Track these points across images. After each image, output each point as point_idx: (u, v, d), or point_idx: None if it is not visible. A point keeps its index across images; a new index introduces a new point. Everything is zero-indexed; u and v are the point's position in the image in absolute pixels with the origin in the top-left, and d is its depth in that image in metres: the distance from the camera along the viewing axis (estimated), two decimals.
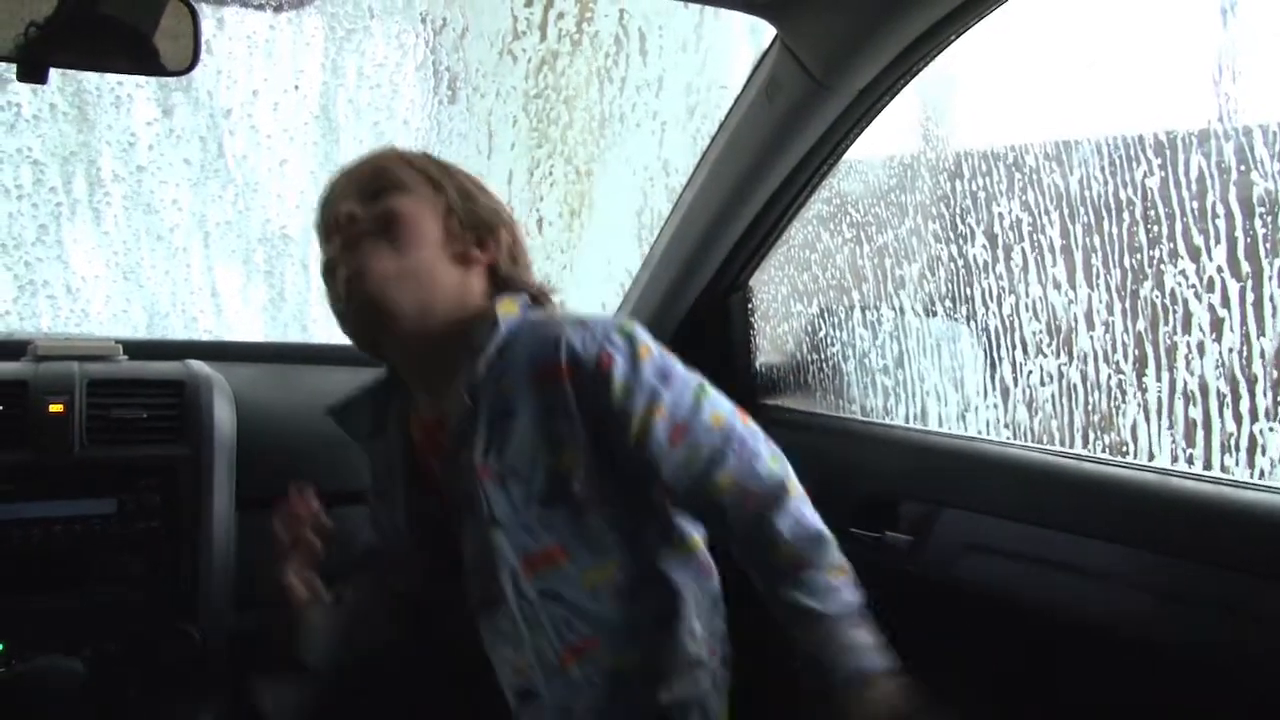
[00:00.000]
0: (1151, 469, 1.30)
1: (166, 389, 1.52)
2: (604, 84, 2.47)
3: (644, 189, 2.47)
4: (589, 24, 2.41)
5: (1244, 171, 1.22)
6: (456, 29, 2.38)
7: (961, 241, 1.58)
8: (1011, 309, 1.52)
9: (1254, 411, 1.23)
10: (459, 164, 1.26)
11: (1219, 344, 1.25)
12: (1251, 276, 1.22)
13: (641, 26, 2.43)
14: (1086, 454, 1.39)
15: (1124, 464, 1.32)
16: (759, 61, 1.56)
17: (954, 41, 1.36)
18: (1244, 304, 1.23)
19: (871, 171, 1.75)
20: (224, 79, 2.14)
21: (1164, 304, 1.31)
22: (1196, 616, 1.14)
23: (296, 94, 2.20)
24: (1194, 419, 1.29)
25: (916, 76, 1.44)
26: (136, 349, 1.61)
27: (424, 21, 2.36)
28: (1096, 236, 1.39)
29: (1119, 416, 1.38)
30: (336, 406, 1.28)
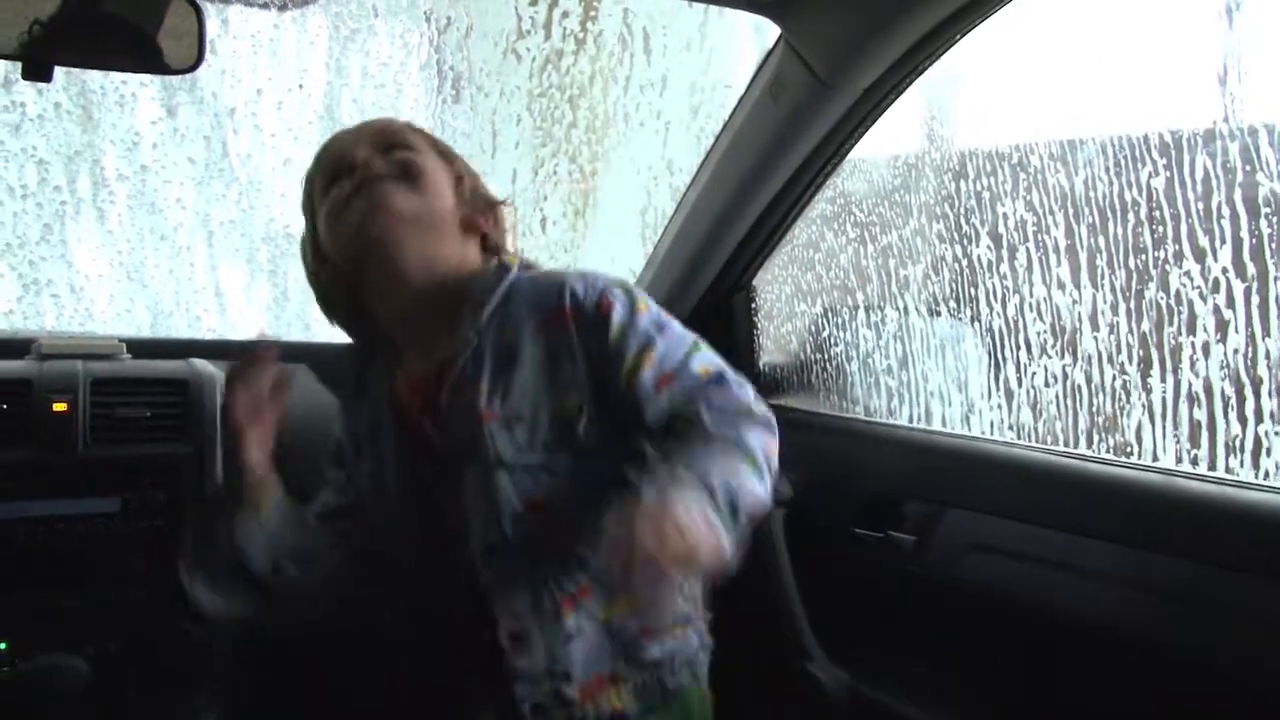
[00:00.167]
0: (1155, 469, 1.30)
1: (170, 388, 1.52)
2: (608, 83, 2.47)
3: (648, 188, 2.47)
4: (593, 23, 2.42)
5: (1249, 172, 1.21)
6: (461, 28, 2.38)
7: (966, 242, 1.58)
8: (1016, 310, 1.52)
9: (1259, 413, 1.23)
10: None
11: (1224, 345, 1.25)
12: (1257, 278, 1.22)
13: (646, 25, 2.43)
14: (1090, 454, 1.38)
15: (1127, 464, 1.32)
16: (763, 61, 1.56)
17: (959, 41, 1.36)
18: (1249, 305, 1.22)
19: (876, 171, 1.75)
20: (228, 78, 2.15)
21: (1169, 305, 1.30)
22: (1200, 617, 1.13)
23: (301, 93, 2.20)
24: (1199, 421, 1.28)
25: (921, 76, 1.44)
26: (140, 348, 1.61)
27: (428, 20, 2.36)
28: (1101, 237, 1.39)
29: (1123, 418, 1.37)
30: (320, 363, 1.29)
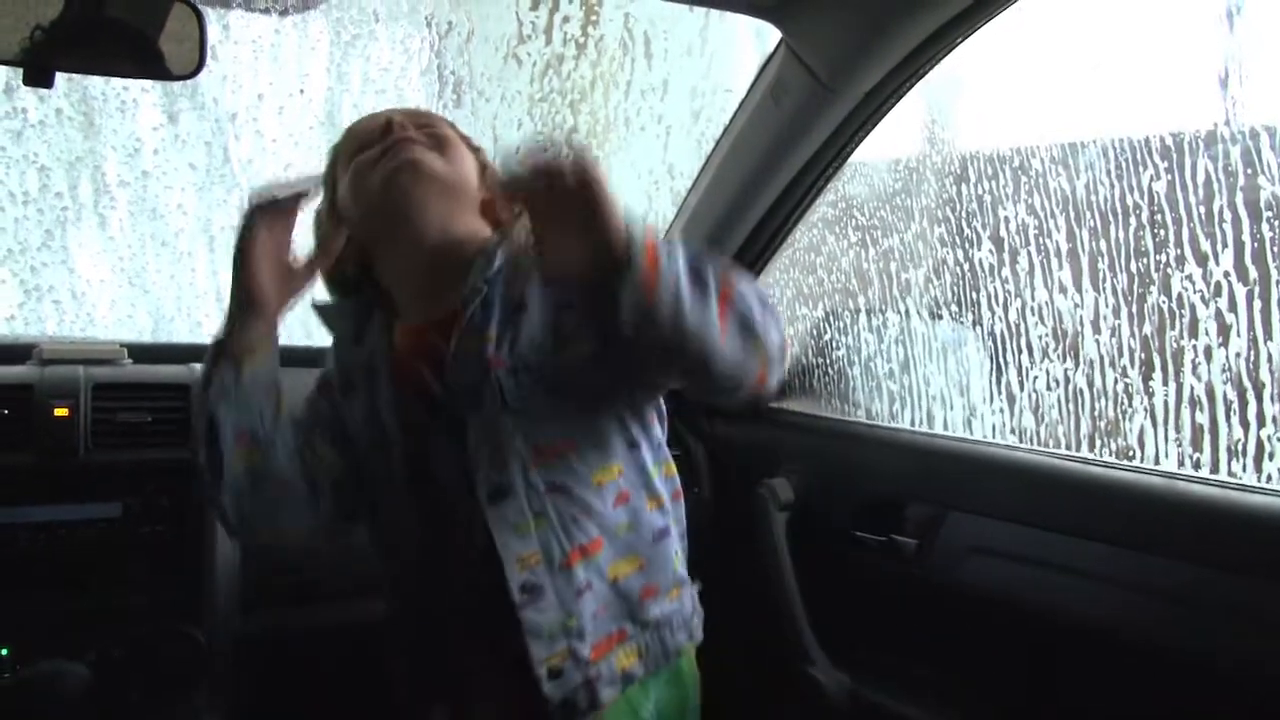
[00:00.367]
0: (1157, 472, 1.30)
1: (171, 392, 1.52)
2: (609, 88, 2.47)
3: (649, 193, 2.46)
4: (594, 28, 2.42)
5: (1251, 175, 1.21)
6: (462, 33, 2.38)
7: (967, 245, 1.58)
8: (1018, 314, 1.51)
9: (1261, 417, 1.23)
10: None
11: (1226, 349, 1.25)
12: (1259, 281, 1.22)
13: (647, 30, 2.43)
14: (1091, 457, 1.38)
15: (1129, 467, 1.32)
16: (764, 65, 1.56)
17: (960, 44, 1.36)
18: (1251, 309, 1.22)
19: (877, 175, 1.75)
20: (229, 83, 2.15)
21: (1171, 309, 1.30)
22: (1202, 620, 1.13)
23: (302, 98, 2.20)
24: (1201, 424, 1.28)
25: (922, 79, 1.44)
26: (141, 353, 1.61)
27: (429, 25, 2.36)
28: (1103, 241, 1.39)
29: (1126, 422, 1.37)
30: (323, 304, 1.30)
